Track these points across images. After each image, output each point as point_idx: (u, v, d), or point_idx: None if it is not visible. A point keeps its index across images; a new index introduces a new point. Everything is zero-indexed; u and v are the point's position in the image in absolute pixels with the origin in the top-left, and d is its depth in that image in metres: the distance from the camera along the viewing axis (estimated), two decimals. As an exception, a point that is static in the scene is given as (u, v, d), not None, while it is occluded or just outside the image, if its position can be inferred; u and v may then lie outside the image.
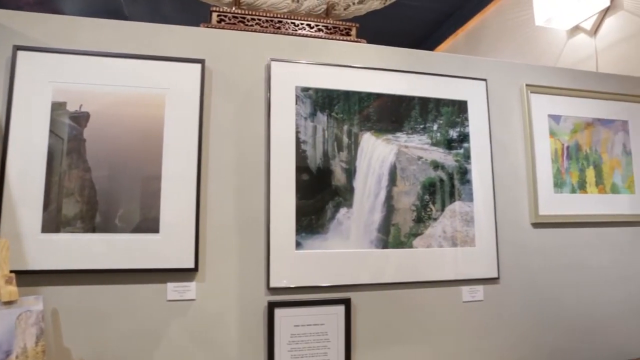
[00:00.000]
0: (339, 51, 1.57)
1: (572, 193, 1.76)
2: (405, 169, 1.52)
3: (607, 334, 1.75)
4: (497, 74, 1.74)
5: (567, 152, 1.77)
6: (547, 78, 1.82)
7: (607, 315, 1.76)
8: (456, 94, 1.63)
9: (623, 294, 1.79)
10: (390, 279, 1.47)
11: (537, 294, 1.67)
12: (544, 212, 1.70)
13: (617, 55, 2.27)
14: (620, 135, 1.87)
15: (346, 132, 1.49)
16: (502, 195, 1.66)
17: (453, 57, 1.71)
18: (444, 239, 1.53)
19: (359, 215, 1.46)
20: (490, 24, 3.37)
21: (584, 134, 1.81)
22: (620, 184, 1.84)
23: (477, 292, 1.57)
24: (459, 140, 1.61)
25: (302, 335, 1.37)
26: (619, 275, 1.80)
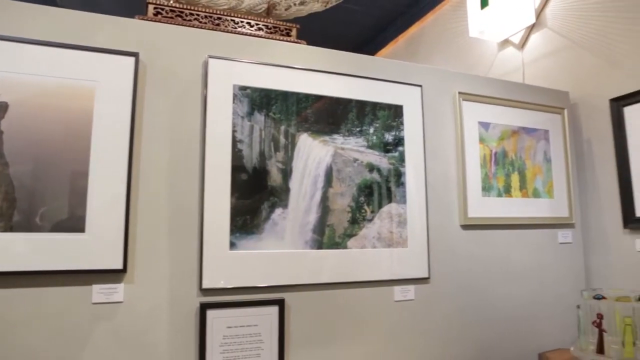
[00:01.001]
0: (278, 51, 1.57)
1: (499, 197, 1.85)
2: (341, 171, 1.54)
3: (527, 328, 1.86)
4: (432, 80, 1.81)
5: (494, 158, 1.87)
6: (479, 87, 1.91)
7: (527, 310, 1.87)
8: (393, 98, 1.68)
9: (541, 291, 1.92)
10: (324, 279, 1.49)
11: (464, 292, 1.74)
12: (473, 215, 1.78)
13: (541, 68, 2.42)
14: (542, 144, 2.00)
15: (283, 132, 1.49)
16: (434, 197, 1.73)
17: (390, 62, 1.76)
18: (377, 240, 1.57)
19: (295, 216, 1.46)
20: (428, 32, 3.49)
21: (510, 141, 1.92)
22: (541, 188, 1.96)
23: (409, 292, 1.62)
24: (394, 143, 1.65)
25: (234, 336, 1.35)
26: (537, 274, 1.92)
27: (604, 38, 2.10)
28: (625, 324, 1.55)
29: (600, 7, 2.13)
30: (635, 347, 1.54)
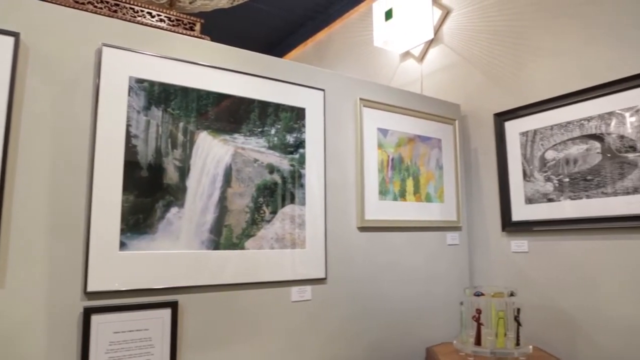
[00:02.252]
0: (180, 45, 1.52)
1: (394, 200, 1.95)
2: (240, 171, 1.53)
3: (417, 325, 1.97)
4: (335, 85, 1.85)
5: (391, 163, 1.96)
6: (379, 94, 2.00)
7: (417, 308, 1.98)
8: (295, 100, 1.70)
9: (431, 289, 2.05)
10: (221, 281, 1.46)
11: (359, 291, 1.81)
12: (370, 217, 1.85)
13: (437, 81, 2.58)
14: (435, 151, 2.14)
15: (182, 129, 1.44)
16: (333, 200, 1.77)
17: (295, 65, 1.78)
18: (276, 241, 1.57)
19: (191, 215, 1.42)
20: (336, 39, 3.58)
21: (406, 147, 2.02)
22: (433, 193, 2.09)
23: (306, 292, 1.64)
24: (295, 145, 1.67)
25: (122, 342, 1.28)
26: (427, 274, 2.04)
27: (490, 58, 2.29)
28: (499, 317, 1.70)
29: (487, 30, 2.33)
30: (506, 338, 1.71)
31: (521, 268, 2.07)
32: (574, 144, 1.88)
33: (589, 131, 1.84)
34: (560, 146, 1.92)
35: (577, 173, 1.86)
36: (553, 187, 1.94)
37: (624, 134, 1.73)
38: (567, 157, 1.90)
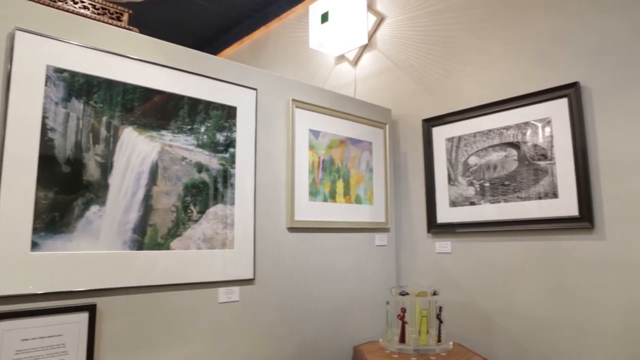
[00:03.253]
0: (105, 35, 1.44)
1: (324, 201, 1.97)
2: (167, 169, 1.48)
3: (345, 324, 2.00)
4: (267, 85, 1.84)
5: (322, 165, 1.98)
6: (313, 96, 2.01)
7: (345, 308, 2.02)
8: (227, 99, 1.67)
9: (359, 289, 2.09)
10: (144, 282, 1.40)
11: (288, 292, 1.81)
12: (299, 218, 1.86)
13: (370, 86, 2.64)
14: (365, 154, 2.18)
15: (105, 124, 1.37)
16: (263, 200, 1.76)
17: (228, 62, 1.75)
18: (203, 241, 1.54)
19: (113, 214, 1.36)
20: (273, 38, 3.56)
21: (337, 150, 2.05)
22: (363, 195, 2.14)
23: (233, 293, 1.62)
24: (225, 144, 1.64)
25: (31, 350, 1.20)
26: (356, 274, 2.08)
27: (420, 66, 2.38)
28: (422, 316, 1.77)
29: (418, 39, 2.41)
30: (429, 335, 1.77)
31: (445, 268, 2.16)
32: (494, 151, 1.99)
33: (508, 139, 1.95)
34: (482, 152, 2.03)
35: (496, 178, 1.97)
36: (475, 191, 2.04)
37: (537, 143, 1.86)
38: (488, 163, 2.01)
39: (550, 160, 1.82)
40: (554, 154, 1.81)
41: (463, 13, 2.22)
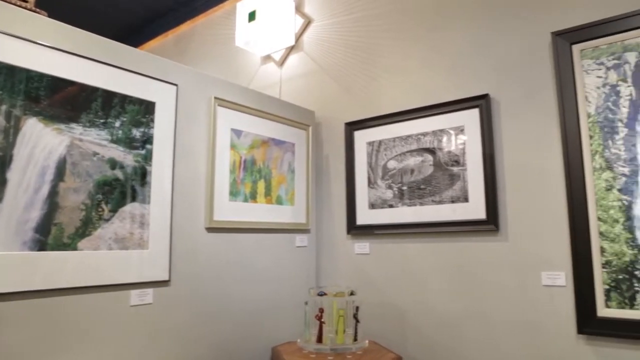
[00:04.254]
0: (8, 17, 1.33)
1: (245, 202, 1.95)
2: (77, 164, 1.39)
3: (264, 325, 2.00)
4: (189, 81, 1.80)
5: (244, 165, 1.96)
6: (236, 95, 1.98)
7: (265, 309, 2.01)
8: (145, 93, 1.60)
9: (278, 290, 2.09)
10: (48, 285, 1.31)
11: (206, 293, 1.77)
12: (219, 218, 1.83)
13: (295, 87, 2.66)
14: (288, 155, 2.19)
15: (4, 113, 1.26)
16: (181, 199, 1.71)
17: (147, 55, 1.68)
18: (115, 241, 1.46)
19: (11, 212, 1.25)
20: (199, 34, 3.47)
21: (260, 150, 2.04)
22: (284, 196, 2.14)
23: (147, 295, 1.56)
24: (142, 140, 1.57)
25: None
26: (276, 275, 2.08)
27: (345, 70, 2.43)
28: (340, 316, 1.80)
29: (344, 43, 2.46)
30: (346, 334, 1.81)
31: (363, 268, 2.22)
32: (412, 156, 2.08)
33: (425, 145, 2.05)
34: (401, 157, 2.11)
35: (413, 182, 2.06)
36: (393, 194, 2.12)
37: (451, 149, 1.97)
38: (405, 167, 2.09)
39: (463, 166, 1.93)
40: (465, 161, 1.93)
41: (388, 21, 2.30)
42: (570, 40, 1.73)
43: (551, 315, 1.71)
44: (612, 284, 1.58)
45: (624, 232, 1.57)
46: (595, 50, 1.68)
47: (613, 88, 1.64)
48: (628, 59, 1.62)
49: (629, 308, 1.55)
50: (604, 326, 1.58)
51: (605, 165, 1.62)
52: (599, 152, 1.63)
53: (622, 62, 1.63)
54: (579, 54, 1.71)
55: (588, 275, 1.62)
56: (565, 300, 1.68)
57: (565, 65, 1.73)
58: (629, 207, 1.57)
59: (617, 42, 1.64)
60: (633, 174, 1.57)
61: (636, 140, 1.58)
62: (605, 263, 1.59)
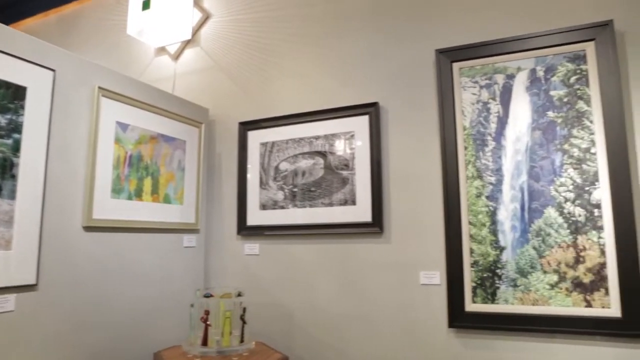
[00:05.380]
0: None
1: (129, 199, 1.84)
2: None
3: (147, 329, 1.90)
4: (70, 68, 1.66)
5: (129, 160, 1.85)
6: (124, 86, 1.87)
7: (149, 312, 1.91)
8: (14, 77, 1.45)
9: (164, 292, 2.00)
10: None
11: (82, 297, 1.64)
12: (99, 217, 1.71)
13: (190, 83, 2.58)
14: (178, 153, 2.12)
15: None
16: (55, 195, 1.57)
17: (18, 34, 1.52)
18: (-31, 241, 1.30)
19: None
20: (86, 16, 3.22)
21: (148, 146, 1.94)
22: (172, 195, 2.06)
23: (7, 302, 1.40)
24: (8, 129, 1.41)
25: None
26: (161, 277, 2.00)
27: (241, 69, 2.41)
28: (226, 317, 1.78)
29: (241, 42, 2.44)
30: (232, 336, 1.79)
31: (252, 269, 2.21)
32: (304, 158, 2.12)
33: (317, 148, 2.10)
34: (293, 159, 2.14)
35: (304, 184, 2.10)
36: (284, 196, 2.14)
37: (342, 153, 2.04)
38: (297, 169, 2.12)
39: (352, 171, 2.01)
40: (354, 165, 2.00)
41: (286, 25, 2.32)
42: (451, 58, 1.88)
43: (427, 312, 1.84)
44: (478, 281, 1.74)
45: (489, 234, 1.74)
46: (471, 69, 1.85)
47: (485, 105, 1.81)
48: (497, 80, 1.80)
49: (491, 303, 1.72)
50: (470, 320, 1.74)
51: (476, 174, 1.78)
52: (471, 162, 1.80)
53: (493, 82, 1.81)
54: (458, 72, 1.87)
55: (459, 274, 1.77)
56: (439, 297, 1.82)
57: (446, 81, 1.87)
58: (494, 212, 1.74)
59: (489, 64, 1.82)
60: (498, 182, 1.75)
61: (501, 152, 1.76)
62: (473, 263, 1.75)
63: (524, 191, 1.71)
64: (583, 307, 1.60)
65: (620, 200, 1.58)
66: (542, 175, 1.69)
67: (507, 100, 1.78)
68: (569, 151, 1.67)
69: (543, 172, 1.69)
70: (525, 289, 1.68)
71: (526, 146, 1.73)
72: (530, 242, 1.68)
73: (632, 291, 1.54)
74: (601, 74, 1.65)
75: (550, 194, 1.67)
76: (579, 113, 1.68)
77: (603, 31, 1.67)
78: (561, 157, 1.68)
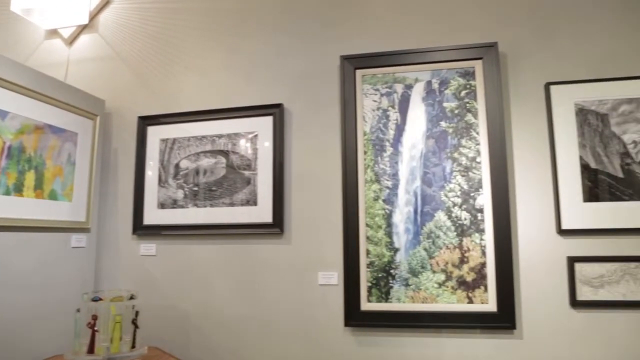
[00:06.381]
0: None
1: (6, 195, 1.67)
2: None
3: (25, 338, 1.73)
4: (-63, 45, 1.47)
5: (8, 151, 1.68)
6: (4, 69, 1.69)
7: (28, 319, 1.75)
8: None
9: (45, 297, 1.84)
10: None
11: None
12: (-32, 213, 1.53)
13: (85, 71, 2.40)
14: (68, 145, 1.96)
15: None
16: None
17: None
18: None
19: None
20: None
21: (32, 136, 1.78)
22: (59, 191, 1.90)
23: None
24: None
25: None
26: (44, 280, 1.83)
27: (143, 61, 2.29)
28: (116, 322, 1.68)
29: (144, 32, 2.32)
30: (122, 342, 1.70)
31: (148, 271, 2.11)
32: (206, 157, 2.07)
33: (219, 147, 2.06)
34: (194, 157, 2.08)
35: (205, 183, 2.05)
36: (184, 195, 2.07)
37: (244, 153, 2.02)
38: (198, 168, 2.07)
39: (254, 171, 1.99)
40: (257, 165, 1.99)
41: (193, 19, 2.25)
42: (355, 65, 1.94)
43: (324, 311, 1.88)
44: (373, 281, 1.81)
45: (385, 236, 1.82)
46: (373, 77, 1.92)
47: (384, 112, 1.89)
48: (397, 89, 1.90)
49: (385, 301, 1.80)
50: (365, 318, 1.81)
51: (374, 178, 1.86)
52: (370, 166, 1.87)
53: (393, 91, 1.90)
54: (361, 79, 1.94)
55: (356, 275, 1.83)
56: (337, 297, 1.87)
57: (349, 87, 1.93)
58: (390, 215, 1.83)
59: (390, 73, 1.91)
60: (394, 187, 1.84)
61: (398, 158, 1.85)
62: (369, 263, 1.82)
63: (417, 195, 1.82)
64: (466, 304, 1.74)
65: (499, 206, 1.74)
66: (434, 181, 1.81)
67: (405, 108, 1.88)
68: (458, 159, 1.80)
69: (435, 178, 1.81)
70: (416, 287, 1.78)
71: (421, 153, 1.84)
72: (422, 243, 1.79)
73: (505, 288, 1.71)
74: (487, 90, 1.80)
75: (441, 198, 1.80)
76: (467, 124, 1.82)
77: (489, 51, 1.82)
78: (451, 165, 1.80)
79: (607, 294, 1.68)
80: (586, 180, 1.73)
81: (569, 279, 1.72)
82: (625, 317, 1.68)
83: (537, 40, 1.87)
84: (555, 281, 1.74)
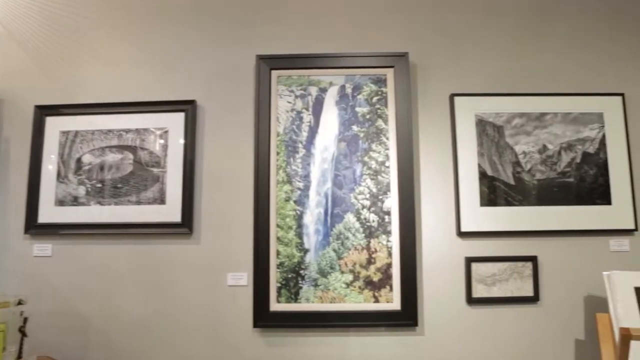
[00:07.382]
0: None
1: None
2: None
3: None
4: None
5: None
6: None
7: None
8: None
9: None
10: None
11: None
12: None
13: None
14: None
15: None
16: None
17: None
18: None
19: None
20: None
21: None
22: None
23: None
24: None
25: None
26: None
27: (43, 45, 2.11)
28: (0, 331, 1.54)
29: (46, 14, 2.13)
30: (7, 353, 1.56)
31: (43, 273, 1.95)
32: (111, 152, 1.95)
33: (126, 142, 1.95)
34: (98, 152, 1.96)
35: (110, 180, 1.93)
36: (85, 191, 1.94)
37: (154, 150, 1.94)
38: (103, 163, 1.95)
39: (163, 168, 1.92)
40: (166, 163, 1.92)
41: (102, 6, 2.11)
42: (270, 65, 1.94)
43: (233, 312, 1.86)
44: (283, 282, 1.82)
45: (295, 237, 1.83)
46: (288, 78, 1.93)
47: (298, 114, 1.91)
48: (311, 91, 1.92)
49: (294, 302, 1.81)
50: (274, 319, 1.81)
51: (286, 179, 1.87)
52: (282, 167, 1.88)
53: (307, 94, 1.92)
54: (276, 79, 1.93)
55: (265, 276, 1.83)
56: (246, 298, 1.86)
57: (264, 87, 1.92)
58: (301, 216, 1.84)
59: (305, 75, 1.93)
60: (306, 188, 1.86)
61: (310, 160, 1.88)
62: (279, 264, 1.83)
63: (328, 197, 1.85)
64: (372, 303, 1.80)
65: (405, 209, 1.82)
66: (344, 184, 1.86)
67: (319, 111, 1.90)
68: (368, 163, 1.86)
69: (345, 180, 1.86)
70: (325, 288, 1.81)
71: (332, 156, 1.87)
72: (331, 244, 1.83)
73: (408, 287, 1.79)
74: (397, 97, 1.88)
75: (351, 201, 1.84)
76: (378, 130, 1.88)
77: (400, 60, 1.91)
78: (361, 168, 1.86)
79: (498, 290, 1.83)
80: (483, 186, 1.87)
81: (466, 278, 1.85)
82: (513, 311, 1.84)
83: (445, 54, 1.99)
84: (454, 280, 1.86)
